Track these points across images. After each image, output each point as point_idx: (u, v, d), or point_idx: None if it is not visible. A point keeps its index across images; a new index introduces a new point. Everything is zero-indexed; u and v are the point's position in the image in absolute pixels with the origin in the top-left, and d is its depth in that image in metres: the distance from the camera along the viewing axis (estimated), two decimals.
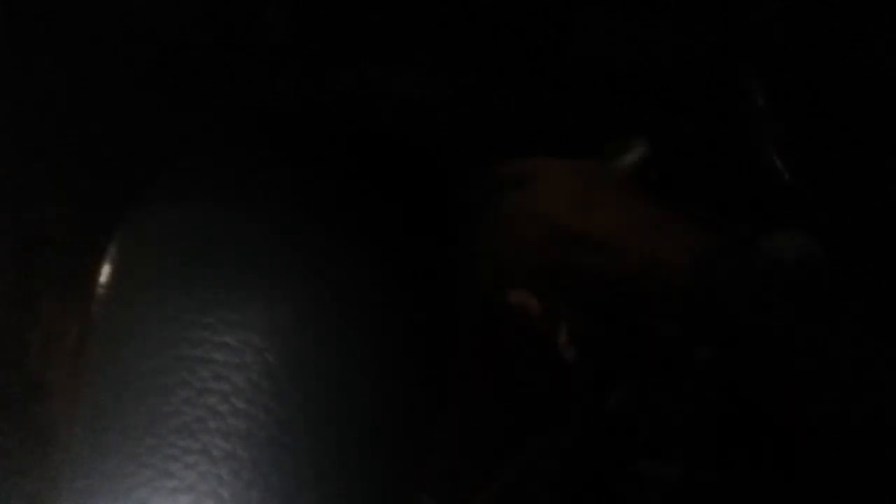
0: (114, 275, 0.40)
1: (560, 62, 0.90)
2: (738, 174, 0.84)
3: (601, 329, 0.82)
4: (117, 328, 0.39)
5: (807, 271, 0.76)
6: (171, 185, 0.41)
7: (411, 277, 0.41)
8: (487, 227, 0.81)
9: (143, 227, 0.40)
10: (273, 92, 0.86)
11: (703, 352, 0.79)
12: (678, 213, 0.77)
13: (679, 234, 0.75)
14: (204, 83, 0.87)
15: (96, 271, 0.42)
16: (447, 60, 0.90)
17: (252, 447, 0.37)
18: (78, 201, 0.85)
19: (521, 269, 0.81)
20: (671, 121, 0.84)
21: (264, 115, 0.47)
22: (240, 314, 0.37)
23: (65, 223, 0.86)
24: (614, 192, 0.79)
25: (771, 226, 0.79)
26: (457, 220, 0.45)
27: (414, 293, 0.41)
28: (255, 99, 0.85)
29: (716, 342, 0.77)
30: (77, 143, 0.87)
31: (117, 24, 0.87)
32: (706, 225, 0.76)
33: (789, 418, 0.75)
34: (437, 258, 0.42)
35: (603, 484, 0.84)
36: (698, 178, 0.85)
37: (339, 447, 0.38)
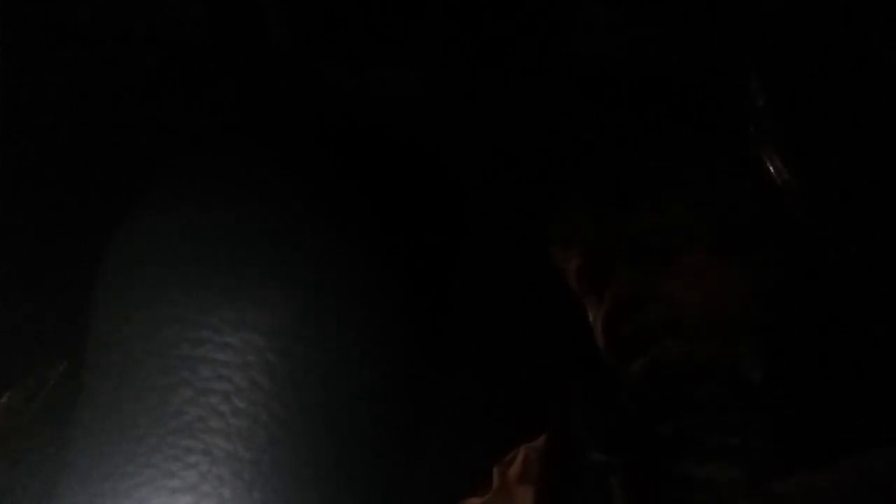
0: (114, 275, 0.40)
1: (561, 62, 0.90)
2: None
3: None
4: (118, 328, 0.39)
5: None
6: (172, 185, 0.41)
7: (411, 277, 0.41)
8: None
9: (144, 228, 0.40)
10: (273, 92, 0.86)
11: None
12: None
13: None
14: (204, 83, 0.87)
15: (97, 272, 0.42)
16: (446, 60, 0.90)
17: (253, 447, 0.37)
18: (78, 201, 0.85)
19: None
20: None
21: (265, 115, 0.47)
22: (241, 314, 0.37)
23: (65, 223, 0.86)
24: None
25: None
26: (456, 220, 0.45)
27: (414, 293, 0.41)
28: (254, 99, 0.85)
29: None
30: (77, 144, 0.87)
31: (117, 24, 0.88)
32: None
33: None
34: (438, 258, 0.42)
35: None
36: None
37: (339, 447, 0.38)
